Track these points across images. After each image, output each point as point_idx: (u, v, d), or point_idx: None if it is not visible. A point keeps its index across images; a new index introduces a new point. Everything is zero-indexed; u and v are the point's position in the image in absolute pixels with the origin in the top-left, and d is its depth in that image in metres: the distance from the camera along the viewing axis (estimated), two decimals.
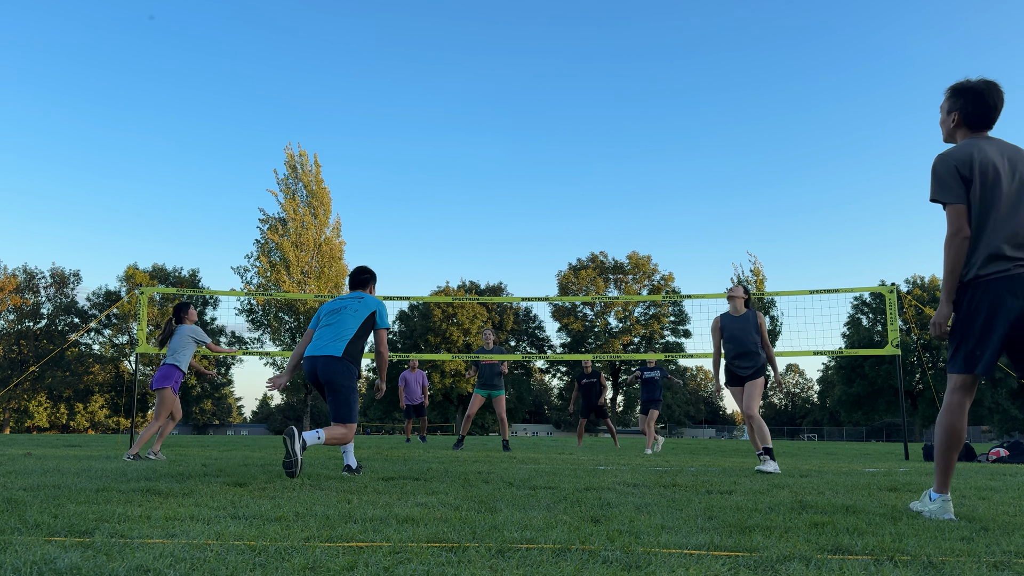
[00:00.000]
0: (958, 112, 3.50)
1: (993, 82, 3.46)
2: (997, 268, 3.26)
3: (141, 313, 11.13)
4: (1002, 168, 3.32)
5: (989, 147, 3.38)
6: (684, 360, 74.31)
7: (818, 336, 34.12)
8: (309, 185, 49.48)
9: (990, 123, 3.48)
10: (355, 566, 2.20)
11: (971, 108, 3.46)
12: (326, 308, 5.73)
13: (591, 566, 2.25)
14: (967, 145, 3.40)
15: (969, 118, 3.48)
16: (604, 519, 3.25)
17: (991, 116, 3.46)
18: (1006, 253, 3.25)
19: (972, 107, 3.46)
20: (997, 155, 3.35)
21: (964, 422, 3.39)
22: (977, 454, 10.38)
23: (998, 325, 3.24)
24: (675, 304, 66.06)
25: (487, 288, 67.93)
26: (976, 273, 3.30)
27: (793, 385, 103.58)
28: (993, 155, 3.34)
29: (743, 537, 2.78)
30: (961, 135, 3.52)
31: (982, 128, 3.48)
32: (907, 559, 2.41)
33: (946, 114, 3.58)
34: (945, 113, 3.58)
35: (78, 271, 62.81)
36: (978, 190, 3.31)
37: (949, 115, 3.55)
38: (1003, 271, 3.25)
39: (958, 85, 3.51)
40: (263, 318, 49.76)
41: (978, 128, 3.48)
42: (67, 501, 3.61)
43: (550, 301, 41.82)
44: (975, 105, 3.45)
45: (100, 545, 2.45)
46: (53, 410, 60.90)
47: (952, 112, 3.53)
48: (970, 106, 3.46)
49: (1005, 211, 3.29)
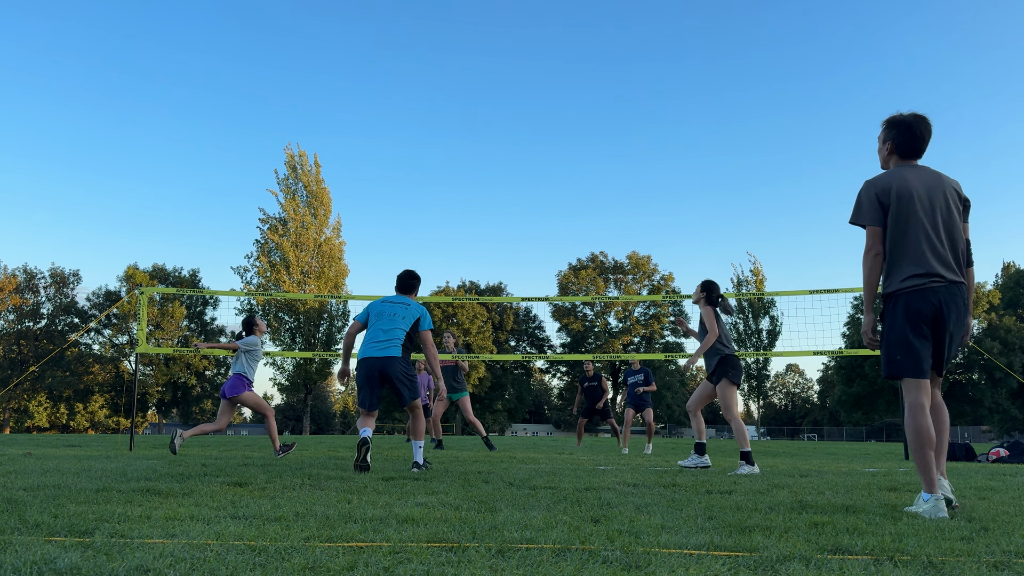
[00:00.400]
0: (891, 142, 3.87)
1: (922, 116, 3.82)
2: (913, 283, 3.66)
3: (141, 313, 11.12)
4: (918, 195, 3.70)
5: (911, 175, 3.75)
6: (684, 360, 74.34)
7: (818, 336, 34.09)
8: (309, 185, 49.48)
9: (919, 153, 3.84)
10: (355, 566, 2.19)
11: (902, 139, 3.83)
12: (375, 309, 6.22)
13: (591, 566, 2.25)
14: (889, 174, 3.79)
15: (900, 148, 3.84)
16: (604, 519, 3.24)
17: (919, 147, 3.83)
18: (920, 271, 3.65)
19: (903, 138, 3.83)
20: (917, 183, 3.72)
21: (929, 420, 3.65)
22: (977, 454, 10.37)
23: (917, 332, 3.65)
24: (675, 304, 66.04)
25: (487, 288, 67.91)
26: (897, 287, 3.70)
27: (793, 385, 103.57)
28: (913, 183, 3.72)
29: (743, 537, 2.77)
30: (894, 162, 3.88)
31: (911, 157, 3.85)
32: (907, 559, 2.41)
33: (881, 143, 3.94)
34: (881, 143, 3.95)
35: (78, 271, 62.84)
36: (895, 215, 3.71)
37: (884, 144, 3.93)
38: (918, 286, 3.65)
39: (891, 118, 3.88)
40: (263, 318, 49.78)
41: (908, 156, 3.85)
42: (67, 501, 3.61)
43: (550, 301, 41.82)
44: (905, 136, 3.82)
45: (100, 545, 2.45)
46: (53, 410, 60.88)
47: (887, 142, 3.90)
48: (901, 137, 3.83)
49: (920, 233, 3.69)
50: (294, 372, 49.93)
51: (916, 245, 3.67)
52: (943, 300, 3.62)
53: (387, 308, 6.17)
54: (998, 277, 65.83)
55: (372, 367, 6.00)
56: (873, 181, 3.78)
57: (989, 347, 54.80)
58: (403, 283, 6.41)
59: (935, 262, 3.65)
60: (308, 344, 48.13)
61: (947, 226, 3.70)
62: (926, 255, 3.66)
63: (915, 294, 3.65)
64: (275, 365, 51.14)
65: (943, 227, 3.69)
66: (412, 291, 6.42)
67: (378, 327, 6.11)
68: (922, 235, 3.68)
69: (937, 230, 3.68)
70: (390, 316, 6.13)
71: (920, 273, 3.65)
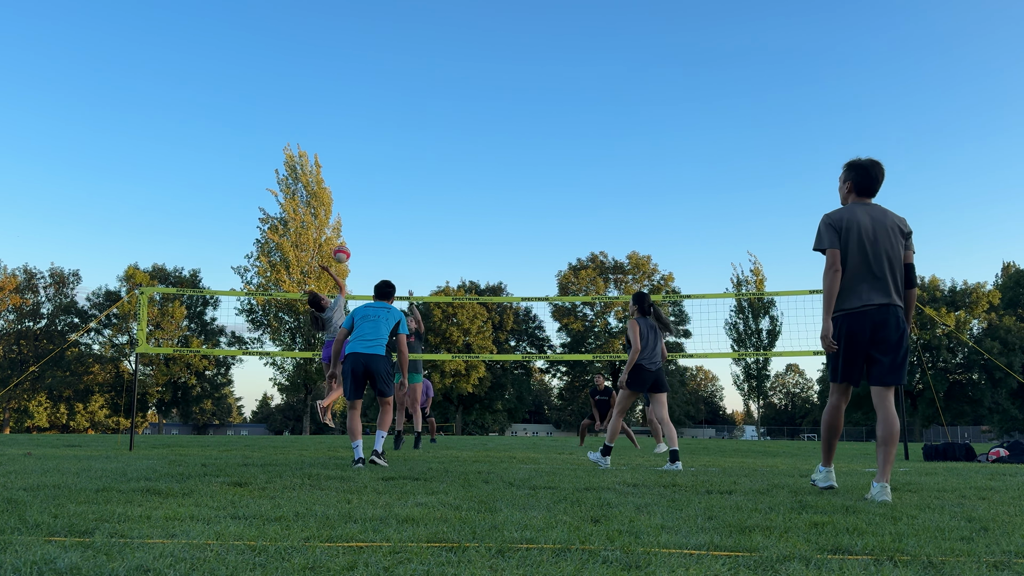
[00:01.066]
0: (851, 182, 4.52)
1: (877, 161, 4.49)
2: (853, 305, 4.32)
3: (141, 313, 11.12)
4: (865, 229, 4.34)
5: (861, 211, 4.40)
6: (684, 360, 74.33)
7: (818, 336, 33.94)
8: (309, 185, 49.47)
9: (873, 192, 4.49)
10: (355, 566, 2.19)
11: (859, 180, 4.48)
12: (360, 313, 7.00)
13: (591, 566, 2.25)
14: (843, 209, 4.45)
15: (857, 187, 4.48)
16: (604, 519, 3.24)
17: (874, 187, 4.48)
18: (860, 294, 4.29)
19: (860, 179, 4.48)
20: (865, 218, 4.36)
21: (840, 419, 4.53)
22: (977, 454, 10.37)
23: (853, 347, 4.30)
24: (675, 304, 66.06)
25: (487, 288, 67.91)
26: (839, 307, 4.37)
27: (793, 385, 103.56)
28: (862, 218, 4.36)
29: (743, 537, 2.77)
30: (852, 199, 4.53)
31: (866, 195, 4.50)
32: (907, 559, 2.41)
33: (842, 182, 4.60)
34: (841, 182, 4.61)
35: (78, 271, 62.87)
36: (844, 245, 4.34)
37: (844, 183, 4.58)
38: (857, 307, 4.30)
39: (852, 161, 4.53)
40: (263, 318, 49.77)
41: (863, 195, 4.50)
42: (67, 501, 3.61)
43: (550, 301, 41.83)
44: (862, 177, 4.47)
45: (100, 545, 2.45)
46: (53, 410, 60.88)
47: (847, 181, 4.56)
48: (859, 178, 4.48)
49: (862, 262, 4.31)
50: (294, 372, 49.94)
51: (857, 273, 4.32)
52: (875, 321, 4.28)
53: (371, 311, 6.98)
54: (998, 277, 65.86)
55: (358, 361, 6.74)
56: (829, 215, 4.46)
57: (989, 347, 54.79)
58: (382, 292, 7.30)
59: (871, 289, 4.30)
60: (308, 344, 48.13)
61: (888, 256, 4.34)
62: (864, 283, 4.31)
63: (852, 316, 4.31)
64: (275, 365, 51.15)
65: (884, 256, 4.33)
66: (389, 298, 7.31)
67: (364, 328, 6.87)
68: (863, 264, 4.31)
69: (878, 259, 4.32)
70: (374, 319, 6.92)
71: (857, 298, 4.30)
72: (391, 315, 7.03)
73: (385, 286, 7.35)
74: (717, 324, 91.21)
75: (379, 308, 7.04)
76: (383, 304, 7.12)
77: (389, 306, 7.12)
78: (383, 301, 7.22)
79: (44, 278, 60.52)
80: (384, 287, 7.34)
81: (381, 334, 6.89)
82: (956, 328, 56.40)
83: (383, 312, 7.00)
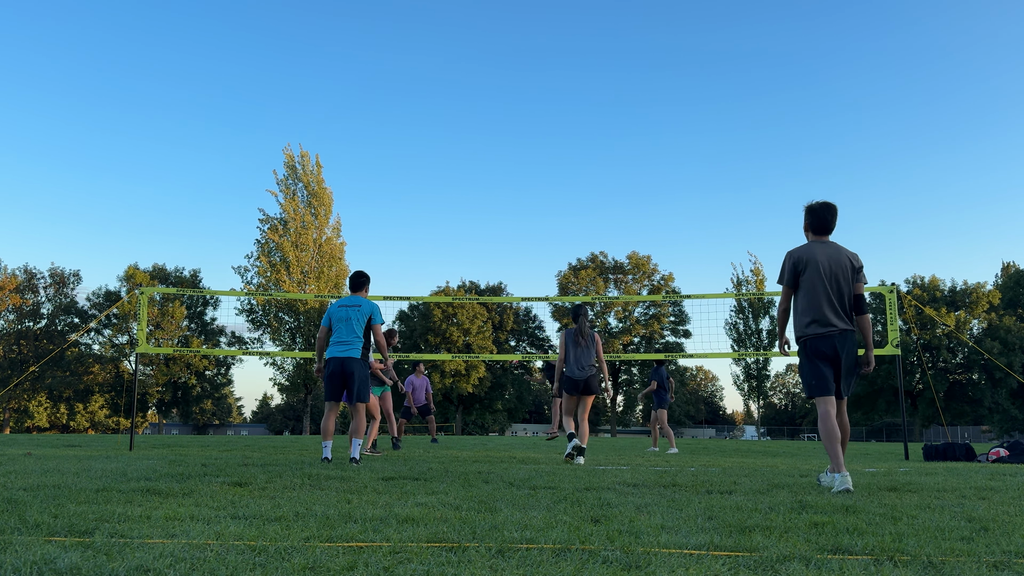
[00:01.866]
0: (807, 223, 5.28)
1: (828, 203, 5.22)
2: (814, 331, 5.05)
3: (141, 313, 11.12)
4: (822, 264, 5.07)
5: (819, 248, 5.14)
6: (684, 360, 74.35)
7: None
8: (310, 185, 49.44)
9: (827, 230, 5.23)
10: (355, 566, 2.19)
11: (813, 221, 5.23)
12: (336, 315, 7.17)
13: (591, 566, 2.25)
14: (804, 247, 5.18)
15: (813, 227, 5.24)
16: (604, 519, 3.24)
17: (827, 226, 5.21)
18: (824, 321, 5.02)
19: (814, 221, 5.23)
20: (822, 255, 5.10)
21: (834, 424, 4.97)
22: (977, 454, 10.37)
23: (821, 366, 5.01)
24: (675, 304, 66.04)
25: (487, 288, 67.89)
26: (803, 333, 5.11)
27: (793, 385, 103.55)
28: (819, 255, 5.10)
29: (743, 537, 2.77)
30: (811, 237, 5.27)
31: (822, 234, 5.23)
32: (907, 559, 2.41)
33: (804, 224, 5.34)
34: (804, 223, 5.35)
35: (78, 271, 62.80)
36: (805, 278, 5.10)
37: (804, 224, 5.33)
38: (818, 333, 5.04)
39: (806, 206, 5.29)
40: (263, 318, 49.73)
41: (819, 234, 5.23)
42: (67, 501, 3.61)
43: (550, 301, 41.83)
44: (815, 219, 5.22)
45: (100, 545, 2.45)
46: (53, 410, 60.85)
47: (806, 222, 5.30)
48: (814, 220, 5.22)
49: (821, 294, 5.05)
50: (294, 372, 49.89)
51: (817, 302, 5.03)
52: (837, 343, 4.98)
53: (343, 312, 7.12)
54: (998, 277, 65.80)
55: (335, 365, 7.01)
56: (791, 252, 5.20)
57: (989, 347, 54.76)
58: (355, 283, 7.41)
59: (831, 315, 5.01)
60: (308, 344, 48.12)
61: (841, 287, 5.06)
62: (824, 310, 5.02)
63: (817, 339, 5.02)
64: (275, 365, 51.12)
65: (840, 288, 5.05)
66: (362, 288, 7.38)
67: (339, 331, 7.11)
68: (823, 295, 5.03)
69: (837, 290, 5.05)
70: (346, 320, 7.10)
71: (820, 324, 5.02)
72: (362, 311, 7.13)
73: (358, 276, 7.44)
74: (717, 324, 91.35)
75: (351, 307, 7.14)
76: (355, 300, 7.22)
77: (360, 300, 7.21)
78: (357, 295, 7.31)
79: (44, 278, 60.49)
80: (356, 278, 7.43)
81: (355, 335, 7.06)
82: (956, 328, 56.39)
83: (354, 312, 7.12)
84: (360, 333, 7.09)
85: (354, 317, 7.10)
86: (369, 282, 7.49)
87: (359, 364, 7.05)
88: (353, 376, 6.99)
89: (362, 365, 7.07)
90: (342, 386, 7.07)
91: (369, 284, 7.49)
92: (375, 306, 7.24)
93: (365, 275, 7.49)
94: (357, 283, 7.43)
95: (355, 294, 7.35)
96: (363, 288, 7.41)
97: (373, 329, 7.18)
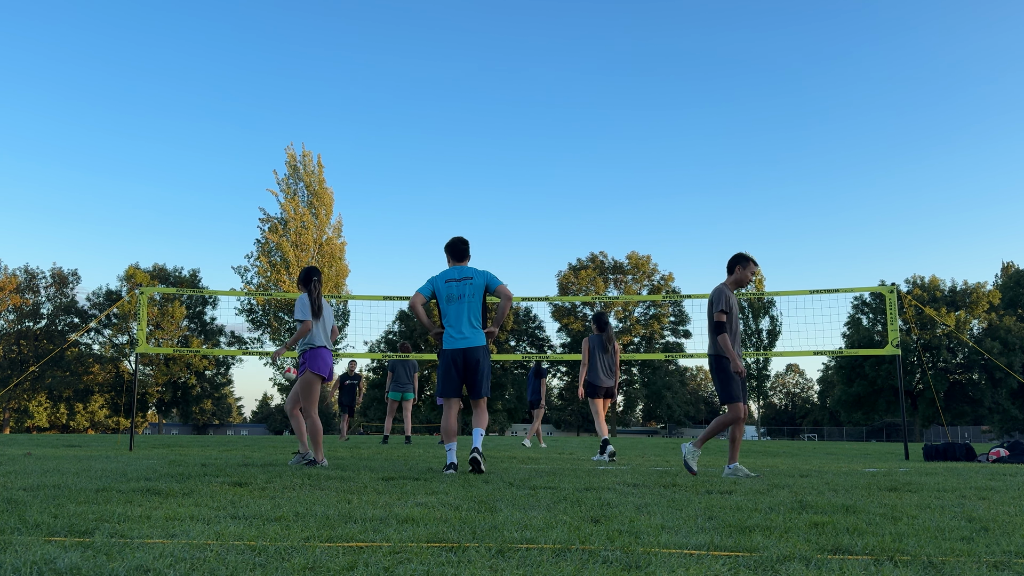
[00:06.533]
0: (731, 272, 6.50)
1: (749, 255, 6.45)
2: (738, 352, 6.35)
3: (141, 313, 11.13)
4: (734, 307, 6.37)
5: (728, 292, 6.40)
6: (684, 360, 74.33)
7: (818, 336, 34.03)
8: (311, 185, 49.46)
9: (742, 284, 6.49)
10: (355, 566, 2.19)
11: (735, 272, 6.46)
12: (443, 291, 6.10)
13: (591, 566, 2.25)
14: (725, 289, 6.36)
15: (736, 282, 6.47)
16: (604, 519, 3.24)
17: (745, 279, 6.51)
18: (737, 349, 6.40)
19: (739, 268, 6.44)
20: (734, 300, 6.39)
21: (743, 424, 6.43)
22: (977, 454, 10.38)
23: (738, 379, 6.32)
24: (675, 304, 66.06)
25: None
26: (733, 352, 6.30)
27: (793, 385, 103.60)
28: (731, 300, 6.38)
29: (743, 537, 2.77)
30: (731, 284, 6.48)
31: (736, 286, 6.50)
32: (907, 559, 2.41)
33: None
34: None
35: (78, 271, 62.84)
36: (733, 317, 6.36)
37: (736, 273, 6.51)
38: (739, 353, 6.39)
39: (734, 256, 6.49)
40: (263, 318, 49.75)
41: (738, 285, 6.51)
42: (67, 501, 3.61)
43: (550, 301, 41.83)
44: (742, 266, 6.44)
45: (100, 545, 2.45)
46: (53, 410, 60.86)
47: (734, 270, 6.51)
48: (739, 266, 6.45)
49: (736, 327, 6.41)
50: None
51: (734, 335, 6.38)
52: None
53: (452, 289, 6.09)
54: (998, 277, 65.82)
55: (455, 356, 6.04)
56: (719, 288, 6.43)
57: (989, 347, 54.78)
58: (457, 251, 6.25)
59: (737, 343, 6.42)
60: None
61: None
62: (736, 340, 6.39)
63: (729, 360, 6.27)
64: (275, 365, 51.13)
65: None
66: (466, 257, 6.29)
67: (450, 312, 6.09)
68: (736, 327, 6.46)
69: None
70: (457, 299, 6.07)
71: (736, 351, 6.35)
72: (477, 286, 6.11)
73: (460, 243, 6.27)
74: None
75: (462, 282, 6.10)
76: (464, 272, 6.15)
77: (471, 271, 6.16)
78: (462, 264, 6.25)
79: (44, 278, 60.52)
80: (459, 244, 6.27)
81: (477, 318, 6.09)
82: (956, 328, 56.39)
83: (467, 288, 6.09)
84: (479, 313, 6.08)
85: (467, 294, 6.06)
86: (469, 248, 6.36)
87: (485, 352, 6.03)
88: (481, 369, 6.02)
89: (487, 352, 6.07)
90: (462, 379, 6.10)
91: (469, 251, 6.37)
92: (488, 273, 6.16)
93: (466, 240, 6.31)
94: (460, 251, 6.25)
95: (460, 264, 6.25)
96: (466, 257, 6.28)
97: (498, 291, 6.09)
